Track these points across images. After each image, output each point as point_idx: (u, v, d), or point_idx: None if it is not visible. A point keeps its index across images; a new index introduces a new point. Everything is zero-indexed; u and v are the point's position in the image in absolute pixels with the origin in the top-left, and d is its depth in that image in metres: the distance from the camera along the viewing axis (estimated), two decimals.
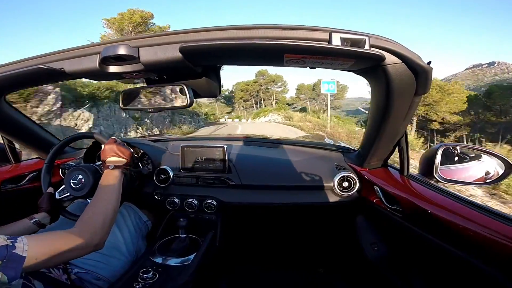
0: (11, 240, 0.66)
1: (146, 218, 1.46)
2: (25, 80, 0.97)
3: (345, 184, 1.34)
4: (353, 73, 0.88)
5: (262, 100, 62.66)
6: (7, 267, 0.62)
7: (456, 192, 0.96)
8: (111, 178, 1.03)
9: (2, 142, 1.43)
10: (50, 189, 1.23)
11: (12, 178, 1.42)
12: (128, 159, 1.13)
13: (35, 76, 0.88)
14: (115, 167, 1.07)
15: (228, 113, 70.04)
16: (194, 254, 1.21)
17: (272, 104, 58.57)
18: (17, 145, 1.48)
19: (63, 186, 1.20)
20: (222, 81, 1.05)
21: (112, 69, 0.81)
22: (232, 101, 71.58)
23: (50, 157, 1.26)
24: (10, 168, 1.45)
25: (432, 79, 0.82)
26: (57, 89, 8.44)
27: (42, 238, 0.74)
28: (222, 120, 48.40)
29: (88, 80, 0.92)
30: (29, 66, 0.83)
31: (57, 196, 1.21)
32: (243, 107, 69.41)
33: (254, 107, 65.13)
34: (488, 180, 1.04)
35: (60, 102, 8.56)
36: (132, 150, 1.19)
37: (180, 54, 0.72)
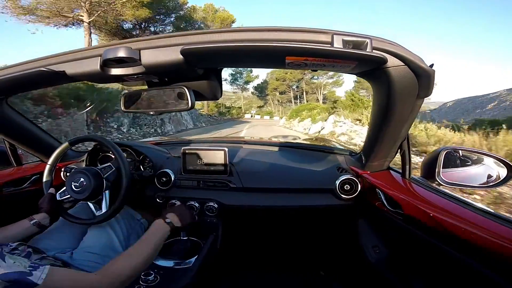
0: (31, 268, 0.66)
1: (139, 216, 1.45)
2: (27, 83, 0.97)
3: (347, 187, 1.34)
4: None
5: (304, 93, 51.14)
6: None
7: (458, 196, 0.96)
8: (161, 232, 1.05)
9: (4, 145, 1.43)
10: (52, 190, 1.23)
11: (14, 181, 1.42)
12: (182, 227, 1.18)
13: (37, 78, 0.89)
14: (170, 223, 1.11)
15: (260, 107, 64.40)
16: (196, 257, 1.21)
17: (318, 99, 47.58)
18: (18, 148, 1.48)
19: (65, 188, 1.20)
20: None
21: (114, 71, 0.81)
22: (265, 92, 58.67)
23: (54, 158, 1.27)
24: (12, 171, 1.46)
25: None
26: None
27: (63, 275, 0.73)
28: (247, 116, 46.17)
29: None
30: (30, 69, 0.83)
31: (58, 198, 1.21)
32: (278, 101, 59.56)
33: (293, 102, 53.57)
34: (490, 184, 1.03)
35: None
36: (195, 219, 1.30)
37: (182, 57, 0.72)
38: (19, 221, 1.08)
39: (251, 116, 45.96)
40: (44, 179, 1.25)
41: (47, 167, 1.26)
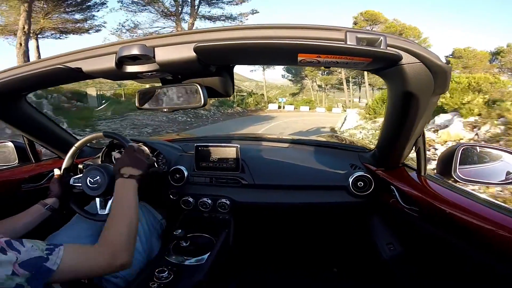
0: (48, 252, 0.69)
1: (160, 217, 1.47)
2: (44, 80, 1.00)
3: (360, 184, 1.33)
4: None
5: (365, 73, 33.43)
6: (34, 279, 0.65)
7: (476, 193, 0.94)
8: (126, 189, 1.00)
9: (23, 141, 1.47)
10: (57, 171, 1.26)
11: (33, 177, 1.46)
12: (143, 172, 1.08)
13: (54, 76, 0.91)
14: (130, 176, 1.03)
15: (294, 94, 48.48)
16: (208, 254, 1.21)
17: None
18: (37, 144, 1.52)
19: (80, 176, 1.23)
20: None
21: (128, 69, 0.82)
22: (300, 74, 45.19)
23: (80, 143, 1.31)
24: (30, 167, 1.50)
25: None
26: None
27: (76, 254, 0.76)
28: (272, 107, 31.35)
29: None
30: (48, 66, 0.85)
31: (71, 182, 1.25)
32: (319, 86, 45.15)
33: (346, 89, 40.94)
34: (510, 180, 1.00)
35: None
36: (152, 160, 1.20)
37: (195, 54, 0.73)
38: (28, 209, 1.09)
39: (280, 108, 31.48)
40: (66, 159, 1.30)
41: (73, 148, 1.31)
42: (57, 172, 1.26)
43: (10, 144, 1.51)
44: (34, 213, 1.09)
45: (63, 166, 1.28)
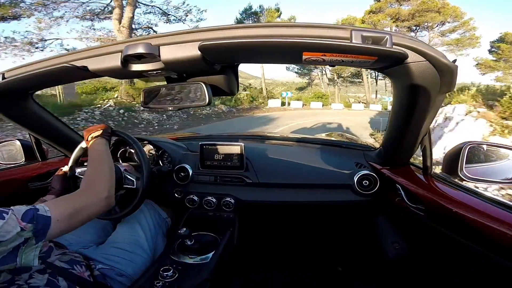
0: (31, 206, 0.72)
1: (165, 215, 1.48)
2: (51, 78, 1.01)
3: (366, 182, 1.32)
4: None
5: None
6: (38, 229, 0.69)
7: (482, 191, 0.93)
8: (95, 145, 1.12)
9: (29, 140, 1.48)
10: (65, 168, 1.27)
11: (40, 176, 1.47)
12: (102, 128, 1.19)
13: (61, 74, 0.92)
14: (94, 137, 1.15)
15: (301, 89, 41.60)
16: (213, 253, 1.22)
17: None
18: (43, 143, 1.53)
19: (85, 168, 1.24)
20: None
21: (134, 67, 0.83)
22: (306, 66, 34.17)
23: (77, 152, 1.31)
24: (37, 166, 1.51)
25: None
26: None
27: (57, 200, 0.81)
28: (273, 104, 24.56)
29: None
30: (54, 65, 0.86)
31: (76, 173, 1.27)
32: (331, 80, 38.74)
33: (366, 81, 35.20)
34: None
35: None
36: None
37: (199, 52, 0.73)
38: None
39: (284, 104, 25.01)
40: (74, 154, 1.30)
41: (71, 159, 1.31)
42: (65, 168, 1.27)
43: (17, 142, 1.53)
44: None
45: (69, 165, 1.29)
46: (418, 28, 29.27)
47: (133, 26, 17.25)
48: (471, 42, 27.89)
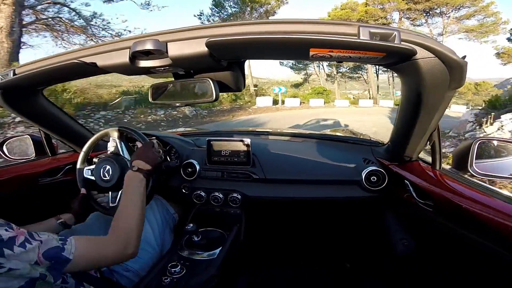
0: (62, 242, 0.73)
1: (173, 210, 1.49)
2: (61, 75, 1.02)
3: (374, 178, 1.31)
4: None
5: None
6: (53, 268, 0.70)
7: (492, 187, 0.92)
8: (135, 181, 1.04)
9: (40, 135, 1.50)
10: (83, 191, 1.28)
11: (50, 171, 1.49)
12: (152, 168, 1.11)
13: (70, 70, 0.93)
14: (139, 169, 1.07)
15: (297, 85, 36.41)
16: (220, 248, 1.22)
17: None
18: (53, 138, 1.55)
19: (93, 166, 1.27)
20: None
21: (142, 63, 0.83)
22: (302, 60, 19.52)
23: (87, 147, 1.34)
24: (47, 161, 1.53)
25: None
26: None
27: (85, 244, 0.80)
28: (262, 102, 20.09)
29: None
30: (64, 61, 0.87)
31: (84, 174, 1.29)
32: (330, 75, 35.93)
33: (372, 75, 32.48)
34: None
35: None
36: (161, 159, 1.23)
37: (207, 49, 0.73)
38: (46, 220, 1.13)
39: (278, 103, 20.88)
40: (78, 166, 1.32)
41: (81, 154, 1.34)
42: (83, 191, 1.28)
43: (28, 137, 1.55)
44: (48, 226, 1.12)
45: (78, 162, 1.31)
46: (429, 13, 26.58)
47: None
48: (496, 28, 24.48)
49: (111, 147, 1.31)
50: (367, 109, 22.38)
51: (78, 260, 0.74)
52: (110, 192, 1.27)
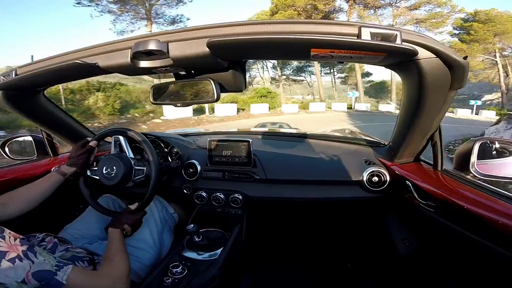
0: (56, 268, 0.75)
1: (172, 210, 1.50)
2: (62, 75, 1.02)
3: (375, 179, 1.31)
4: None
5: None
6: None
7: (494, 188, 0.92)
8: (122, 237, 1.09)
9: (41, 135, 1.50)
10: (94, 143, 1.28)
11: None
12: (131, 230, 1.17)
13: (72, 71, 0.93)
14: (125, 233, 1.13)
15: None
16: (221, 249, 1.22)
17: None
18: (54, 138, 1.55)
19: (96, 168, 1.27)
20: None
21: (143, 64, 0.83)
22: None
23: (98, 136, 1.33)
24: (49, 161, 1.53)
25: None
26: None
27: (82, 275, 0.82)
28: (170, 113, 14.32)
29: None
30: (66, 61, 0.87)
31: (88, 173, 1.29)
32: (274, 78, 33.71)
33: (319, 77, 30.65)
34: None
35: None
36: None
37: (208, 49, 0.73)
38: (43, 177, 1.16)
39: (203, 112, 16.53)
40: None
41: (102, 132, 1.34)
42: (93, 143, 1.27)
43: (30, 138, 1.56)
44: (50, 180, 1.15)
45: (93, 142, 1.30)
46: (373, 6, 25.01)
47: None
48: (448, 17, 24.50)
49: (114, 146, 1.31)
50: (322, 115, 19.20)
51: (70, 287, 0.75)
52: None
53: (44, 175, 1.44)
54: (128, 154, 1.29)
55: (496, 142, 1.07)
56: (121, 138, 1.31)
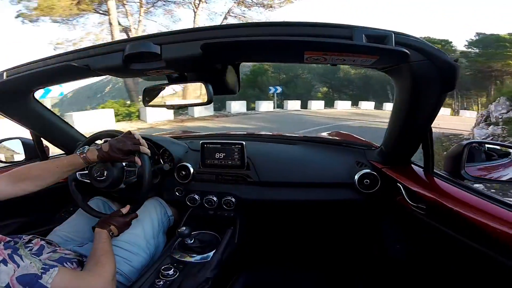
0: (42, 271, 0.73)
1: (171, 213, 1.49)
2: (52, 77, 1.01)
3: (367, 181, 1.32)
4: None
5: None
6: None
7: (484, 190, 0.93)
8: (104, 236, 1.06)
9: (31, 138, 1.48)
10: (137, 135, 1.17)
11: None
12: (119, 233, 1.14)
13: (62, 73, 0.92)
14: (111, 234, 1.10)
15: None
16: (214, 251, 1.22)
17: None
18: (44, 141, 1.53)
19: (86, 172, 1.25)
20: None
21: (135, 66, 0.82)
22: None
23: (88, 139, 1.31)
24: None
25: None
26: None
27: (69, 276, 0.80)
28: None
29: None
30: (56, 63, 0.86)
31: (78, 177, 1.27)
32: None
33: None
34: None
35: None
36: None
37: (201, 51, 0.73)
38: (66, 157, 1.13)
39: None
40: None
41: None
42: (143, 142, 1.15)
43: (18, 141, 1.53)
44: (71, 162, 1.08)
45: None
46: None
47: None
48: None
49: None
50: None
51: None
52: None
53: None
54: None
55: (486, 145, 1.09)
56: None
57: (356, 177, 1.33)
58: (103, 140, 1.32)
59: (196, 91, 0.96)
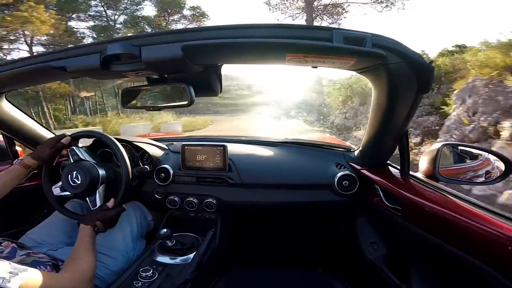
0: (11, 274, 0.69)
1: (150, 217, 1.47)
2: (27, 79, 0.98)
3: (346, 183, 1.34)
4: None
5: None
6: None
7: (457, 192, 0.96)
8: (93, 238, 1.03)
9: (2, 139, 1.42)
10: (67, 139, 1.19)
11: None
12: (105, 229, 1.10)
13: (37, 74, 0.89)
14: (97, 229, 1.07)
15: None
16: (194, 253, 1.21)
17: None
18: (17, 143, 1.48)
19: (60, 184, 1.20)
20: None
21: (114, 68, 0.80)
22: None
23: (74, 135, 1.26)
24: (10, 166, 1.45)
25: None
26: None
27: (40, 277, 0.76)
28: None
29: None
30: (31, 65, 0.83)
31: (55, 193, 1.22)
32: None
33: None
34: (489, 180, 1.04)
35: None
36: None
37: (182, 53, 0.72)
38: (7, 169, 1.11)
39: None
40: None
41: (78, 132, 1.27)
42: (66, 139, 1.19)
43: None
44: (11, 173, 1.10)
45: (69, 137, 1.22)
46: None
47: None
48: None
49: (72, 156, 1.23)
50: None
51: None
52: (87, 198, 1.20)
53: None
54: (89, 161, 1.22)
55: (459, 147, 1.13)
56: (75, 148, 1.23)
57: (336, 178, 1.35)
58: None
59: (177, 92, 0.95)
